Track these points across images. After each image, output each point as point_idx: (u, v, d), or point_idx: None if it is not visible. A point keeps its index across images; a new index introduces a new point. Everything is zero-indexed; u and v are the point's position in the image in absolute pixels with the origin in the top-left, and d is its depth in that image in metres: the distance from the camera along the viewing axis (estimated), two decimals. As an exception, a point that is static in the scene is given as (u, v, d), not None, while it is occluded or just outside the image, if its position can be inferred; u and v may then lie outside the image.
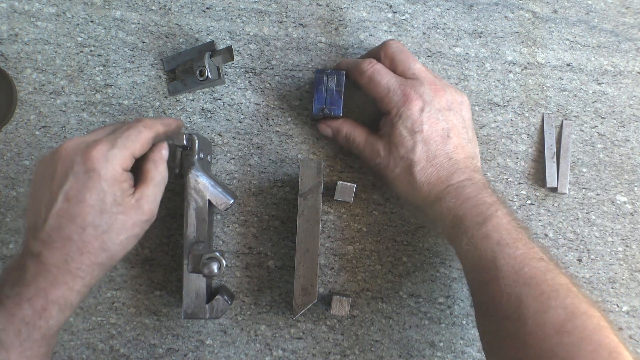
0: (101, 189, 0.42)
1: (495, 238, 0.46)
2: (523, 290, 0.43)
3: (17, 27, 0.61)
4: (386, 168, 0.53)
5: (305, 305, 0.54)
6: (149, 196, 0.46)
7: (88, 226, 0.42)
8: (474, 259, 0.47)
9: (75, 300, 0.44)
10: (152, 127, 0.47)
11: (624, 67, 0.63)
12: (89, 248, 0.42)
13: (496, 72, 0.62)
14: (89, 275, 0.43)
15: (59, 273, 0.42)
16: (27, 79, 0.61)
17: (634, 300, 0.60)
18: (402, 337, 0.60)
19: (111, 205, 0.43)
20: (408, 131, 0.51)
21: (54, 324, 0.43)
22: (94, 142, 0.43)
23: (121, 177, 0.44)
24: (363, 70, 0.52)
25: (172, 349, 0.59)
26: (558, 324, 0.41)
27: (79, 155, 0.43)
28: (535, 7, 0.63)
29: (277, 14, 0.62)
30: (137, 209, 0.45)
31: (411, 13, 0.62)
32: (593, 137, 0.62)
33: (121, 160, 0.43)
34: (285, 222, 0.60)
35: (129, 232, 0.45)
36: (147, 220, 0.46)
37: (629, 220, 0.61)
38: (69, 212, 0.42)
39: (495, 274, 0.45)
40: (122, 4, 0.61)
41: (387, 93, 0.52)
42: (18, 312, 0.41)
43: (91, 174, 0.42)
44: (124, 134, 0.45)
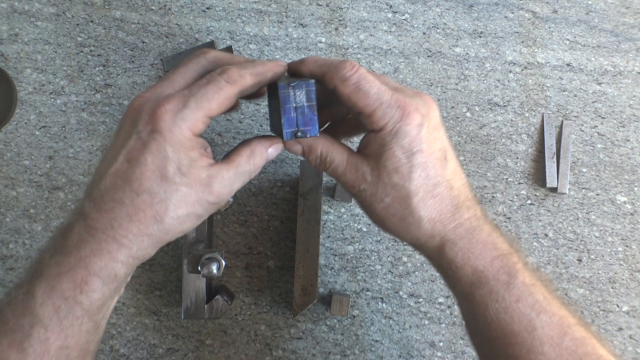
0: (165, 154, 0.37)
1: (529, 302, 0.39)
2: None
3: (17, 27, 0.61)
4: (373, 196, 0.41)
5: (305, 305, 0.54)
6: (225, 179, 0.39)
7: (144, 192, 0.37)
8: (502, 328, 0.39)
9: (121, 271, 0.38)
10: (238, 82, 0.39)
11: (624, 67, 0.63)
12: (140, 216, 0.37)
13: (496, 72, 0.62)
14: (136, 246, 0.38)
15: (102, 239, 0.37)
16: (27, 79, 0.61)
17: (634, 300, 0.60)
18: (402, 337, 0.60)
19: (174, 173, 0.37)
20: (404, 152, 0.40)
21: (97, 298, 0.38)
22: (165, 98, 0.38)
23: (189, 143, 0.37)
24: (345, 77, 0.40)
25: (172, 349, 0.59)
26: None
27: (146, 113, 0.37)
28: (535, 7, 0.63)
29: (277, 14, 0.62)
30: (205, 186, 0.38)
31: (411, 13, 0.62)
32: (593, 137, 0.62)
33: (192, 124, 0.37)
34: (285, 222, 0.60)
35: (190, 208, 0.38)
36: (214, 203, 0.39)
37: (629, 220, 0.61)
38: (127, 173, 0.37)
39: (530, 347, 0.38)
40: (122, 4, 0.61)
41: (380, 105, 0.40)
42: (57, 284, 0.37)
43: (155, 135, 0.37)
44: (200, 90, 0.38)
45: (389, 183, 0.40)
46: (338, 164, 0.42)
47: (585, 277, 0.61)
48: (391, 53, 0.62)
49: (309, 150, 0.43)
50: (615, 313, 0.60)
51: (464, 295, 0.41)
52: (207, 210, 0.39)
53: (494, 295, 0.39)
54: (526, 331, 0.38)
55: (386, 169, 0.40)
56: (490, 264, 0.40)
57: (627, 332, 0.60)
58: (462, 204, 0.41)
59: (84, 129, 0.61)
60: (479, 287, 0.40)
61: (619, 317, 0.60)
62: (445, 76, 0.62)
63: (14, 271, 0.59)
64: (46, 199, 0.60)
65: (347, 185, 0.42)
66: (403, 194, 0.40)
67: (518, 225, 0.61)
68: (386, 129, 0.40)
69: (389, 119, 0.40)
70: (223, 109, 0.38)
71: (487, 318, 0.40)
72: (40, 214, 0.60)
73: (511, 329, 0.39)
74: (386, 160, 0.40)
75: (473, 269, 0.40)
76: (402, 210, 0.40)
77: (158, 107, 0.37)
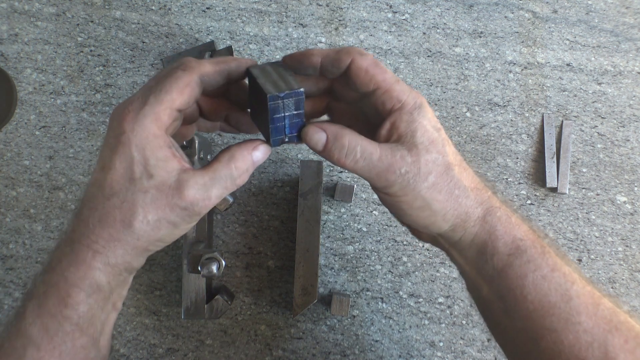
0: (131, 154, 0.36)
1: (563, 271, 0.38)
2: (607, 339, 0.37)
3: (17, 27, 0.61)
4: (417, 177, 0.38)
5: (305, 305, 0.54)
6: (197, 184, 0.37)
7: (113, 195, 0.36)
8: (540, 299, 0.38)
9: (102, 280, 0.37)
10: (195, 68, 0.37)
11: (624, 67, 0.63)
12: (110, 220, 0.36)
13: (496, 72, 0.62)
14: (110, 252, 0.37)
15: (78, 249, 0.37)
16: (27, 79, 0.61)
17: (634, 300, 0.60)
18: (402, 337, 0.60)
19: (141, 173, 0.36)
20: (433, 127, 0.39)
21: (84, 310, 0.37)
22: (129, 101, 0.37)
23: (155, 141, 0.36)
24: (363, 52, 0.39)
25: (172, 349, 0.59)
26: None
27: (114, 119, 0.37)
28: (535, 7, 0.63)
29: (277, 14, 0.62)
30: (175, 189, 0.36)
31: (411, 13, 0.62)
32: (593, 137, 0.62)
33: (154, 117, 0.36)
34: (285, 222, 0.60)
35: (160, 213, 0.36)
36: (186, 208, 0.37)
37: (629, 220, 0.61)
38: (100, 180, 0.37)
39: (568, 317, 0.37)
40: (122, 4, 0.61)
41: (397, 81, 0.39)
42: (44, 302, 0.37)
43: (120, 137, 0.36)
44: (158, 85, 0.37)
45: (430, 159, 0.38)
46: (372, 151, 0.38)
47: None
48: (391, 53, 0.62)
49: (334, 139, 0.39)
50: (615, 313, 0.60)
51: (500, 269, 0.39)
52: (182, 217, 0.38)
53: (532, 265, 0.38)
54: (563, 301, 0.38)
55: (423, 144, 0.38)
56: (526, 233, 0.39)
57: (627, 332, 0.60)
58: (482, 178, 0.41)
59: (84, 129, 0.61)
60: (518, 256, 0.39)
61: (619, 317, 0.60)
62: (445, 76, 0.62)
63: (14, 271, 0.59)
64: (46, 199, 0.60)
65: (384, 174, 0.38)
66: (444, 166, 0.39)
67: (518, 225, 0.61)
68: (409, 103, 0.39)
69: (409, 93, 0.39)
70: (186, 98, 0.37)
71: (524, 290, 0.38)
72: (40, 214, 0.60)
73: (548, 299, 0.38)
74: (422, 136, 0.38)
75: (513, 237, 0.39)
76: (448, 183, 0.39)
77: (121, 110, 0.36)
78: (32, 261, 0.60)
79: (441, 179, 0.39)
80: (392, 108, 0.39)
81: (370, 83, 0.38)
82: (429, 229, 0.40)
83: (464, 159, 0.41)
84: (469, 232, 0.40)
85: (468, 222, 0.40)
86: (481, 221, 0.40)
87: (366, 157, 0.38)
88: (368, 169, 0.38)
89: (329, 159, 0.39)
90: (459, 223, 0.40)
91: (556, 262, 0.39)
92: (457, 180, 0.39)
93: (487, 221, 0.39)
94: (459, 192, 0.39)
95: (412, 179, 0.38)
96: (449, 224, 0.40)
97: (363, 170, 0.38)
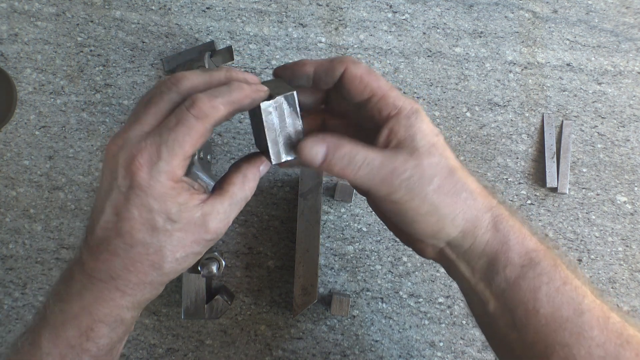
0: (149, 207, 0.35)
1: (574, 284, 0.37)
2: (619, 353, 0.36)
3: (17, 27, 0.61)
4: (421, 179, 0.37)
5: (305, 305, 0.54)
6: (220, 213, 0.37)
7: (137, 244, 0.36)
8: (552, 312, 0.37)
9: (127, 315, 0.38)
10: (209, 116, 0.36)
11: (624, 67, 0.63)
12: (137, 267, 0.36)
13: (496, 72, 0.62)
14: (139, 293, 0.37)
15: (104, 287, 0.37)
16: (27, 79, 0.61)
17: (634, 300, 0.60)
18: (402, 337, 0.60)
19: (165, 222, 0.36)
20: (432, 131, 0.38)
21: (105, 343, 0.37)
22: (137, 150, 0.35)
23: (173, 192, 0.36)
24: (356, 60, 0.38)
25: (172, 349, 0.59)
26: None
27: (122, 167, 0.35)
28: (535, 7, 0.63)
29: (277, 14, 0.62)
30: (200, 226, 0.36)
31: (411, 13, 0.62)
32: (593, 137, 0.62)
33: (170, 174, 0.35)
34: (285, 222, 0.60)
35: (188, 249, 0.37)
36: (212, 239, 0.38)
37: (629, 220, 0.61)
38: (116, 226, 0.36)
39: (580, 332, 0.37)
40: (122, 4, 0.61)
41: (392, 87, 0.38)
42: (62, 332, 0.36)
43: (136, 191, 0.35)
44: (171, 135, 0.35)
45: (432, 162, 0.37)
46: (373, 157, 0.37)
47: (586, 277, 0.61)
48: (391, 53, 0.62)
49: (334, 149, 0.37)
50: (615, 313, 0.60)
51: (512, 281, 0.38)
52: (206, 246, 0.38)
53: (545, 277, 0.37)
54: (575, 315, 0.37)
55: (425, 147, 0.37)
56: (538, 244, 0.38)
57: (627, 332, 0.60)
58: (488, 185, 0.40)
59: (84, 129, 0.61)
60: (531, 268, 0.37)
61: (619, 317, 0.60)
62: (445, 76, 0.62)
63: (14, 271, 0.59)
64: (46, 199, 0.60)
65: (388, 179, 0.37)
66: (448, 169, 0.38)
67: (518, 225, 0.61)
68: (406, 108, 0.38)
69: (404, 100, 0.38)
70: (199, 146, 0.36)
71: (536, 303, 0.37)
72: (40, 214, 0.60)
73: (560, 313, 0.37)
74: (422, 140, 0.37)
75: (527, 248, 0.38)
76: (454, 186, 0.37)
77: (132, 161, 0.35)
78: (32, 261, 0.60)
79: (446, 182, 0.37)
80: (388, 114, 0.38)
81: (364, 91, 0.38)
82: (437, 236, 0.39)
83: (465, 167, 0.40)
84: (480, 240, 0.38)
85: (478, 229, 0.38)
86: (492, 229, 0.38)
87: (368, 164, 0.37)
88: (371, 176, 0.37)
89: (330, 172, 0.38)
90: (469, 228, 0.38)
91: (567, 275, 0.38)
92: (463, 183, 0.38)
93: (499, 229, 0.38)
94: (466, 195, 0.38)
95: (417, 182, 0.37)
96: (459, 229, 0.38)
97: (366, 178, 0.37)
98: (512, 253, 0.38)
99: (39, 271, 0.59)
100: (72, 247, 0.60)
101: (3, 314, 0.59)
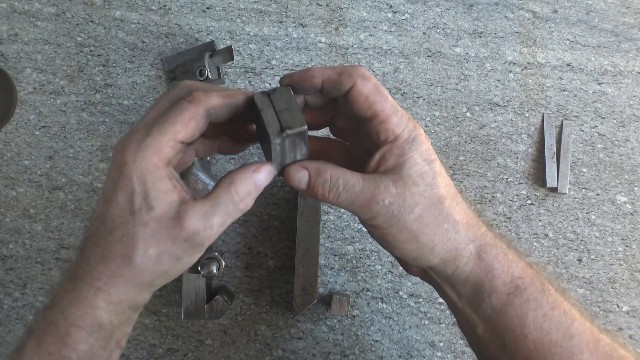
0: (132, 186, 0.35)
1: (563, 308, 0.38)
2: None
3: (17, 27, 0.61)
4: (401, 208, 0.37)
5: (305, 305, 0.54)
6: (198, 213, 0.35)
7: (115, 230, 0.35)
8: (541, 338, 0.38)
9: (104, 319, 0.36)
10: (202, 101, 0.36)
11: (624, 67, 0.63)
12: (111, 255, 0.35)
13: (496, 72, 0.62)
14: (112, 290, 0.36)
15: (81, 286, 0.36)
16: (27, 79, 0.61)
17: (634, 300, 0.60)
18: (402, 337, 0.60)
19: (141, 205, 0.35)
20: (424, 160, 0.38)
21: (84, 350, 0.36)
22: (131, 134, 0.36)
23: (157, 172, 0.35)
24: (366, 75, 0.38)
25: (172, 349, 0.59)
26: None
27: (117, 152, 0.36)
28: (535, 7, 0.63)
29: (277, 14, 0.62)
30: (174, 219, 0.35)
31: (411, 13, 0.62)
32: (593, 137, 0.62)
33: (156, 149, 0.35)
34: (285, 222, 0.60)
35: (162, 246, 0.35)
36: (188, 239, 0.36)
37: (629, 220, 0.61)
38: (103, 214, 0.36)
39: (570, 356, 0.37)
40: (122, 4, 0.61)
41: (396, 112, 0.38)
42: (43, 340, 0.36)
43: (122, 169, 0.35)
44: (163, 117, 0.36)
45: (416, 191, 0.37)
46: (354, 183, 0.38)
47: (586, 277, 0.61)
48: (391, 53, 0.62)
49: (316, 175, 0.38)
50: (616, 313, 0.60)
51: (498, 308, 0.38)
52: (184, 249, 0.36)
53: (532, 303, 0.38)
54: (564, 339, 0.37)
55: (411, 177, 0.38)
56: (524, 271, 0.39)
57: (627, 332, 0.60)
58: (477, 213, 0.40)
59: (84, 129, 0.61)
60: (517, 295, 0.38)
61: (619, 317, 0.60)
62: (445, 76, 0.62)
63: (14, 271, 0.59)
64: (46, 199, 0.60)
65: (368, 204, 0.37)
66: (434, 199, 0.38)
67: (518, 225, 0.61)
68: (403, 137, 0.38)
69: (405, 126, 0.38)
70: (191, 131, 0.36)
71: (524, 329, 0.38)
72: (40, 214, 0.60)
73: (549, 338, 0.37)
74: (409, 169, 0.38)
75: (512, 276, 0.38)
76: (436, 216, 0.38)
77: (125, 143, 0.35)
78: (32, 261, 0.60)
79: (429, 212, 0.38)
80: (385, 140, 0.38)
81: (368, 110, 0.38)
82: (417, 262, 0.40)
83: (459, 192, 0.40)
84: (462, 269, 0.39)
85: (459, 259, 0.39)
86: (475, 259, 0.39)
87: (349, 189, 0.37)
88: (351, 200, 0.38)
89: (314, 196, 0.39)
90: (449, 258, 0.39)
91: (556, 299, 0.38)
92: (447, 213, 0.38)
93: (483, 259, 0.38)
94: (448, 226, 0.38)
95: (396, 210, 0.37)
96: (438, 258, 0.39)
97: (346, 202, 0.38)
98: (497, 281, 0.38)
99: (39, 271, 0.59)
100: (72, 247, 0.60)
101: (3, 314, 0.59)
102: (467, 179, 0.61)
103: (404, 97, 0.62)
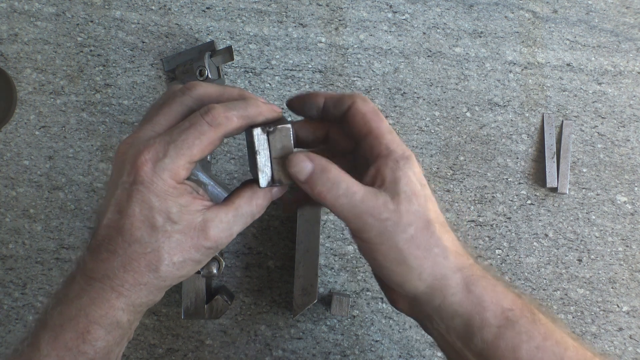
0: (150, 204, 0.36)
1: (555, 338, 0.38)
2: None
3: (17, 27, 0.61)
4: (396, 226, 0.37)
5: (305, 305, 0.54)
6: (222, 222, 0.37)
7: (135, 242, 0.36)
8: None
9: (123, 319, 0.38)
10: (222, 125, 0.36)
11: (624, 67, 0.63)
12: (134, 266, 0.37)
13: (496, 72, 0.62)
14: (134, 295, 0.38)
15: (100, 288, 0.37)
16: (27, 79, 0.61)
17: (634, 300, 0.60)
18: (402, 337, 0.60)
19: (165, 221, 0.36)
20: (418, 180, 0.38)
21: (101, 346, 0.37)
22: (145, 146, 0.36)
23: (175, 192, 0.36)
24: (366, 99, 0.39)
25: (172, 349, 0.59)
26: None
27: (128, 162, 0.36)
28: (535, 7, 0.63)
29: (277, 14, 0.62)
30: (200, 231, 0.37)
31: (411, 13, 0.62)
32: (593, 137, 0.62)
33: (173, 173, 0.36)
34: (285, 222, 0.60)
35: (186, 254, 0.37)
36: (211, 247, 0.38)
37: (629, 220, 0.61)
38: (118, 224, 0.36)
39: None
40: (122, 4, 0.61)
41: (391, 131, 0.39)
42: (60, 335, 0.37)
43: (138, 186, 0.36)
44: (181, 136, 0.36)
45: (410, 210, 0.37)
46: (355, 190, 0.37)
47: (586, 277, 0.61)
48: (391, 53, 0.62)
49: (320, 171, 0.37)
50: (616, 313, 0.60)
51: (490, 342, 0.37)
52: (206, 254, 0.38)
53: (524, 335, 0.37)
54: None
55: (406, 194, 0.37)
56: (514, 302, 0.38)
57: (627, 332, 0.60)
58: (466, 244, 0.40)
59: (84, 129, 0.61)
60: (509, 328, 0.37)
61: (619, 317, 0.60)
62: (445, 76, 0.62)
63: (14, 271, 0.59)
64: (46, 199, 0.60)
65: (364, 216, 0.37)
66: (425, 221, 0.37)
67: (518, 225, 0.61)
68: (397, 152, 0.38)
69: (398, 144, 0.39)
70: (207, 153, 0.37)
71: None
72: (40, 214, 0.60)
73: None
74: (405, 185, 0.37)
75: (502, 308, 0.38)
76: (428, 239, 0.37)
77: (138, 157, 0.36)
78: (32, 261, 0.60)
79: (421, 234, 0.37)
80: (379, 154, 0.38)
81: (364, 127, 0.39)
82: (403, 287, 0.39)
83: (448, 222, 0.39)
84: (450, 300, 0.38)
85: (447, 288, 0.38)
86: (464, 290, 0.38)
87: (348, 196, 0.37)
88: (348, 208, 0.37)
89: (309, 191, 0.38)
90: (437, 286, 0.38)
91: (547, 329, 0.38)
92: (438, 238, 0.37)
93: (472, 291, 0.38)
94: (438, 251, 0.37)
95: (391, 227, 0.37)
96: (426, 284, 0.38)
97: (343, 208, 0.37)
98: (488, 313, 0.37)
99: (39, 271, 0.59)
100: (72, 247, 0.60)
101: (3, 314, 0.59)
102: (467, 179, 0.61)
103: (404, 97, 0.62)
